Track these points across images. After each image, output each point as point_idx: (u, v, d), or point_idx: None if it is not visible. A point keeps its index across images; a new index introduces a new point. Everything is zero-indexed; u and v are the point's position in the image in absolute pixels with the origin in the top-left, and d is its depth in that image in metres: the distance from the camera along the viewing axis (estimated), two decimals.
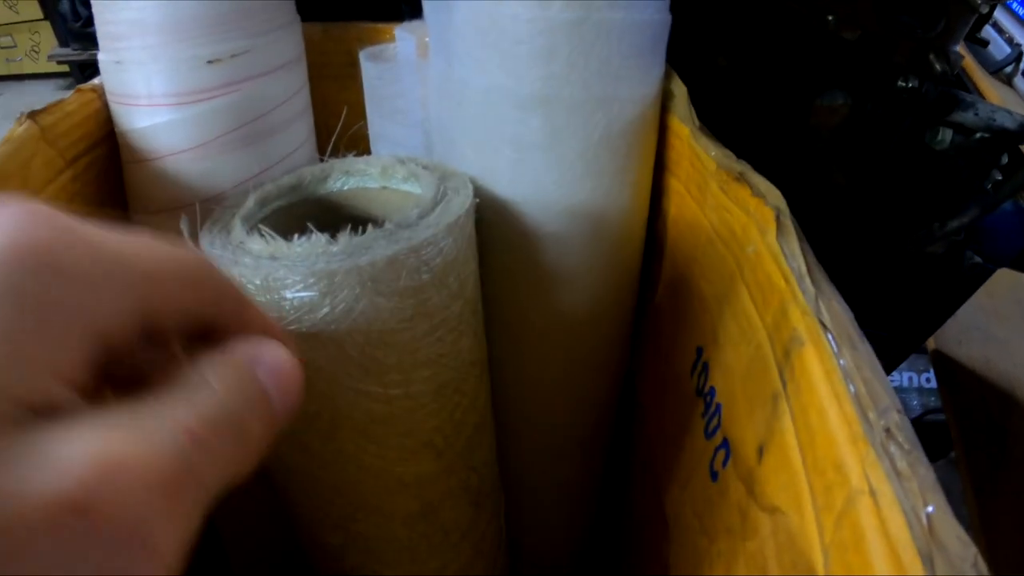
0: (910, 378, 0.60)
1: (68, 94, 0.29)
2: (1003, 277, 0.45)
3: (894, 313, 0.41)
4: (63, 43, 1.65)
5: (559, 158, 0.23)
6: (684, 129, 0.25)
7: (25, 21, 1.73)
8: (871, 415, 0.15)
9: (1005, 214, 0.40)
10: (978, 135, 0.35)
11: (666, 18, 0.24)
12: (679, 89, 0.25)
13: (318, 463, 0.25)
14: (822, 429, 0.17)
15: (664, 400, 0.28)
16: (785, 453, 0.18)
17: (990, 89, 0.48)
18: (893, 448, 0.15)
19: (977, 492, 0.47)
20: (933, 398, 0.60)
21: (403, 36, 0.28)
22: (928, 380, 0.61)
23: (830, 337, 0.17)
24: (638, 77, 0.24)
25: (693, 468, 0.24)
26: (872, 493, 0.15)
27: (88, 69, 1.73)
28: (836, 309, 0.18)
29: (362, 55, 0.29)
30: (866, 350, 0.17)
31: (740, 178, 0.22)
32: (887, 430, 0.15)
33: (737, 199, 0.22)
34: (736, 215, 0.22)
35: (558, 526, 0.34)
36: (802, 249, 0.19)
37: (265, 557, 0.39)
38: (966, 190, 0.37)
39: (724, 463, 0.22)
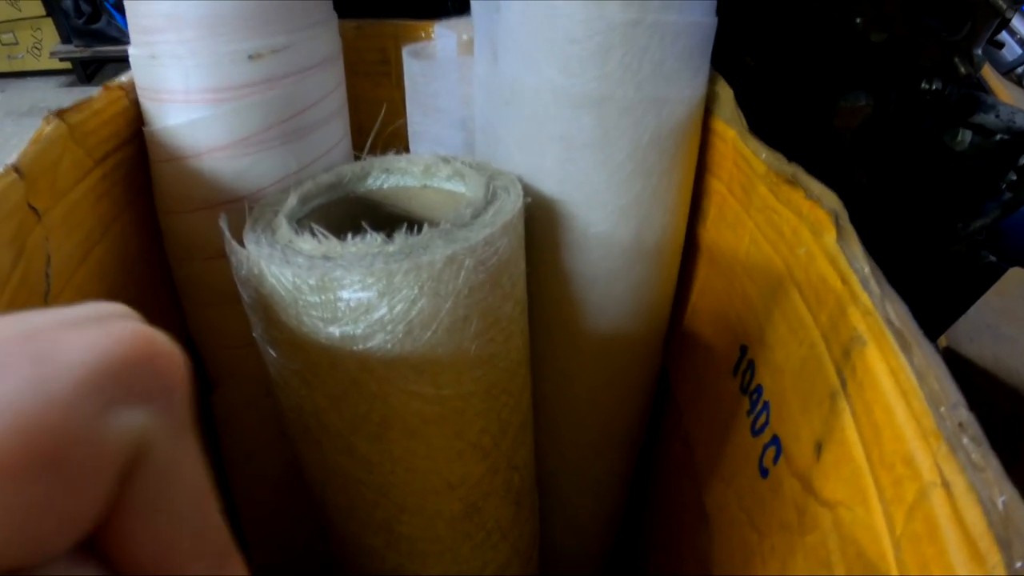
0: None
1: (70, 91, 0.28)
2: (1014, 276, 0.46)
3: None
4: (65, 40, 1.63)
5: (609, 157, 0.24)
6: (730, 131, 0.25)
7: (27, 18, 1.70)
8: (943, 410, 0.15)
9: (1018, 213, 0.41)
10: (998, 136, 0.36)
11: (713, 21, 0.24)
12: (725, 91, 0.25)
13: (364, 466, 0.25)
14: (889, 425, 0.17)
15: (703, 397, 0.28)
16: (846, 449, 0.19)
17: (1002, 90, 0.49)
18: (967, 441, 0.15)
19: None
20: None
21: (443, 33, 0.28)
22: None
23: (896, 337, 0.17)
24: (687, 79, 0.24)
25: (739, 464, 0.25)
26: (945, 485, 0.15)
27: (91, 66, 1.71)
28: (899, 310, 0.18)
29: (405, 51, 0.28)
30: (930, 349, 0.17)
31: (793, 180, 0.22)
32: (960, 424, 0.15)
33: (788, 201, 0.22)
34: (786, 217, 0.23)
35: (588, 522, 0.34)
36: (863, 252, 0.19)
37: (287, 555, 0.39)
38: (983, 191, 0.38)
39: (775, 460, 0.22)
